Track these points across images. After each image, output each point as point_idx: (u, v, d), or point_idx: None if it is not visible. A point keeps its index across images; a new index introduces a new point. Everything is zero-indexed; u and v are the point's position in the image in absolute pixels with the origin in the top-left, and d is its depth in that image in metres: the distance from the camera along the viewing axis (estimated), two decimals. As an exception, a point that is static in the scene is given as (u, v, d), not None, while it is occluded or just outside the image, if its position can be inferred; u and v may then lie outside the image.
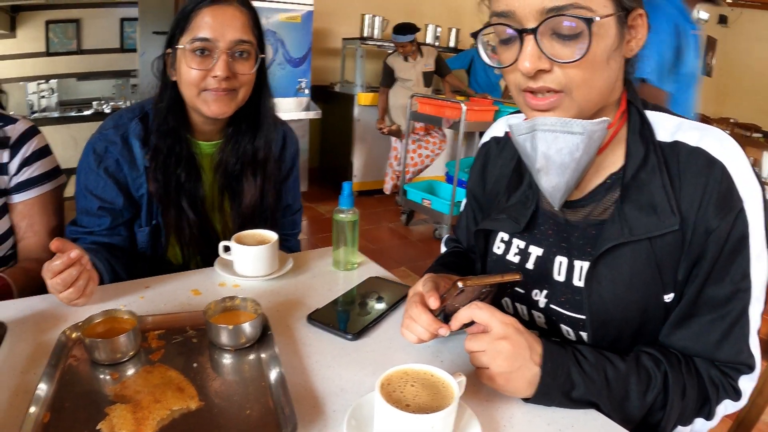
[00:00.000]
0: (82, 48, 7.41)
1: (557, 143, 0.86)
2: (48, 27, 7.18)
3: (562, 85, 0.82)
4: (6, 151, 1.40)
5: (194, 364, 0.92)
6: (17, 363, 0.92)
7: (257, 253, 1.28)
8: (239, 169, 1.45)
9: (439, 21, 6.63)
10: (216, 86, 1.29)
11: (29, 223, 1.44)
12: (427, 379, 0.78)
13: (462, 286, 0.86)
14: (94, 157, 1.35)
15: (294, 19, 5.12)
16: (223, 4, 1.29)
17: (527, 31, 0.80)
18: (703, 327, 0.88)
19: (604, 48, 0.81)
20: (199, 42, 1.27)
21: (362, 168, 6.02)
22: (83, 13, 7.26)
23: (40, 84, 7.18)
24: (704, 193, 0.85)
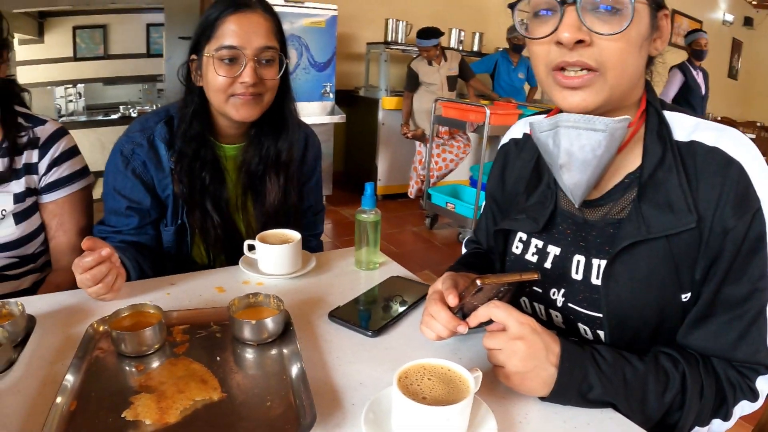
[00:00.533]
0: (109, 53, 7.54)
1: (580, 140, 0.87)
2: (75, 32, 7.31)
3: (598, 62, 0.83)
4: (35, 151, 1.44)
5: (218, 357, 0.94)
6: (46, 354, 0.96)
7: (281, 252, 1.30)
8: (262, 170, 1.48)
9: (462, 25, 6.63)
10: (243, 91, 1.32)
11: (59, 222, 1.48)
12: (444, 373, 0.79)
13: (480, 284, 0.87)
14: (121, 158, 1.38)
15: (318, 24, 5.17)
16: (247, 12, 1.32)
17: (569, 2, 0.82)
18: (721, 327, 0.88)
19: (638, 31, 0.83)
20: (226, 50, 1.30)
21: (387, 172, 6.04)
22: (110, 19, 7.39)
23: (67, 88, 7.31)
24: (721, 193, 0.85)
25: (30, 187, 1.44)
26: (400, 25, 6.10)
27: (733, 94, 11.79)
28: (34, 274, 1.51)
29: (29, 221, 1.45)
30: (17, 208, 1.42)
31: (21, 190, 1.42)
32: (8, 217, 1.41)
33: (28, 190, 1.43)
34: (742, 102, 11.96)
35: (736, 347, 0.88)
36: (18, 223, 1.42)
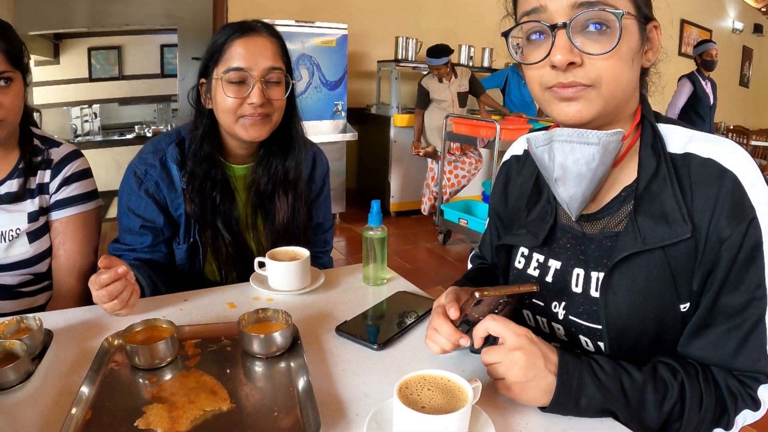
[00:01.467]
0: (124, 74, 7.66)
1: (574, 153, 0.90)
2: (90, 54, 7.44)
3: (592, 80, 0.85)
4: (48, 171, 1.50)
5: (227, 370, 0.98)
6: (62, 367, 1.00)
7: (290, 269, 1.34)
8: (271, 189, 1.52)
9: (472, 41, 6.68)
10: (252, 112, 1.36)
11: (62, 240, 1.53)
12: (443, 384, 0.81)
13: (479, 296, 0.89)
14: (135, 179, 1.43)
15: (329, 43, 5.24)
16: (253, 35, 1.37)
17: (559, 26, 0.85)
18: (720, 336, 0.89)
19: (629, 46, 0.86)
20: (234, 72, 1.34)
21: (399, 189, 6.07)
22: (124, 40, 7.52)
23: (83, 109, 7.43)
24: (716, 203, 0.86)
25: (42, 206, 1.49)
26: (410, 42, 6.16)
27: (745, 102, 11.75)
28: (48, 291, 1.56)
29: (42, 240, 1.50)
30: (31, 227, 1.47)
31: (34, 209, 1.48)
32: (22, 236, 1.46)
33: (40, 209, 1.49)
34: (754, 110, 11.90)
35: (736, 356, 0.88)
36: (31, 241, 1.47)
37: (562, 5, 0.85)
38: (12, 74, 1.36)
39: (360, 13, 6.22)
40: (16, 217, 1.45)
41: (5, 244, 1.44)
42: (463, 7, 6.81)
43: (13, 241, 1.45)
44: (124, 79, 7.68)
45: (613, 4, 0.84)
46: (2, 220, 1.44)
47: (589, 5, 0.83)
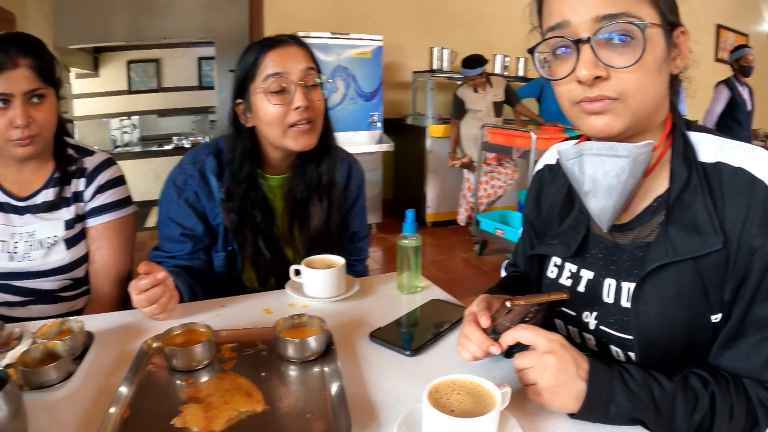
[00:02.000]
0: (162, 86, 7.85)
1: (604, 166, 0.90)
2: (129, 66, 7.64)
3: (618, 92, 0.86)
4: (82, 180, 1.57)
5: (263, 373, 1.01)
6: (102, 368, 1.04)
7: (325, 276, 1.36)
8: (306, 196, 1.54)
9: (507, 51, 6.67)
10: (299, 118, 1.39)
11: (97, 246, 1.59)
12: (473, 388, 0.83)
13: (510, 306, 0.90)
14: (174, 189, 1.48)
15: (365, 55, 5.30)
16: (283, 45, 1.41)
17: (583, 41, 0.85)
18: (751, 347, 0.88)
19: (654, 56, 0.86)
20: (273, 78, 1.38)
21: (436, 199, 6.07)
22: (162, 53, 7.70)
23: (122, 120, 7.63)
24: (747, 213, 0.86)
25: (78, 214, 1.56)
26: (444, 53, 6.19)
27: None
28: (86, 295, 1.62)
29: (78, 246, 1.56)
30: (68, 234, 1.53)
31: (71, 216, 1.55)
32: (60, 243, 1.52)
33: (76, 217, 1.55)
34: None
35: (766, 367, 0.87)
36: (69, 248, 1.54)
37: (584, 19, 0.85)
38: (44, 90, 1.42)
39: (395, 24, 6.27)
40: (54, 224, 1.52)
41: (44, 251, 1.51)
42: (497, 16, 6.81)
43: (51, 248, 1.51)
44: (162, 91, 7.87)
45: (637, 14, 0.84)
46: (40, 228, 1.51)
47: (611, 17, 0.84)
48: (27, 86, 1.38)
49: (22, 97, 1.38)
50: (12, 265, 1.49)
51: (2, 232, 1.50)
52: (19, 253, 1.49)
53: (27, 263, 1.50)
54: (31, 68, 1.38)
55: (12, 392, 0.78)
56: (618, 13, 0.83)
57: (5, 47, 1.36)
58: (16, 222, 1.51)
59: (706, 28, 8.96)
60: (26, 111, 1.38)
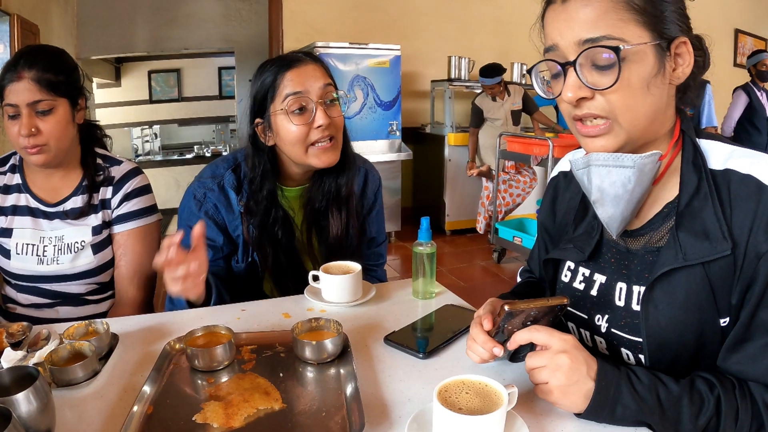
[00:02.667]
0: (183, 95, 7.97)
1: (610, 176, 0.93)
2: (150, 76, 7.77)
3: (606, 111, 0.89)
4: (110, 188, 1.63)
5: (281, 374, 1.05)
6: (127, 367, 1.09)
7: (342, 282, 1.40)
8: (324, 206, 1.58)
9: (525, 59, 6.68)
10: (320, 136, 1.42)
11: (123, 252, 1.64)
12: (481, 388, 0.85)
13: (508, 309, 0.93)
14: (194, 202, 1.52)
15: (383, 64, 5.35)
16: (300, 64, 1.44)
17: (568, 64, 0.89)
18: (757, 351, 0.89)
19: (640, 75, 0.88)
20: (293, 98, 1.41)
21: (455, 207, 6.10)
22: (183, 63, 7.83)
23: (143, 129, 7.75)
24: (755, 219, 0.87)
25: (105, 220, 1.62)
26: (462, 61, 6.22)
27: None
28: (111, 299, 1.68)
29: (104, 252, 1.62)
30: (95, 239, 1.60)
31: (98, 223, 1.61)
32: (87, 248, 1.59)
33: (103, 223, 1.62)
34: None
35: None
36: (95, 253, 1.60)
37: (569, 42, 0.89)
38: (51, 102, 1.46)
39: (413, 33, 6.32)
40: (81, 230, 1.59)
41: (71, 255, 1.57)
42: (515, 25, 6.83)
43: (78, 252, 1.58)
44: (183, 100, 7.99)
45: (619, 36, 0.86)
46: (68, 233, 1.58)
47: (592, 41, 0.87)
48: (30, 98, 1.43)
49: (27, 108, 1.43)
50: (41, 268, 1.56)
51: (32, 236, 1.56)
52: (48, 256, 1.56)
53: (55, 267, 1.56)
54: (34, 80, 1.43)
55: (41, 388, 0.83)
56: (598, 36, 0.86)
57: (15, 60, 1.44)
58: (46, 227, 1.57)
59: (724, 32, 8.88)
60: (31, 122, 1.44)
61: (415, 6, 6.42)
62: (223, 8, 7.03)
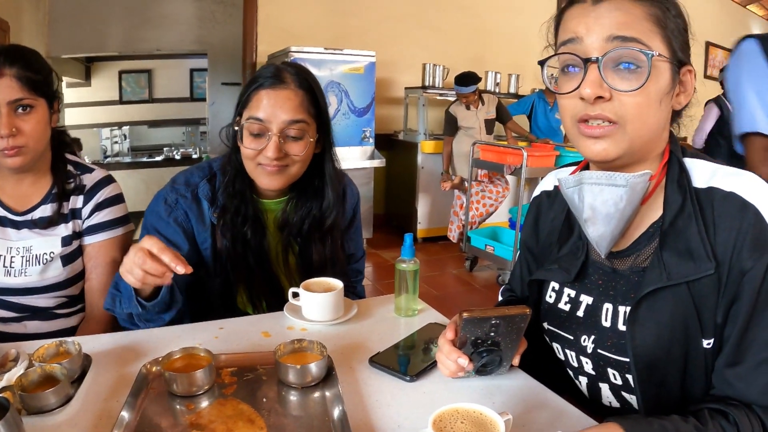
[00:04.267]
0: (154, 97, 7.84)
1: (602, 195, 0.93)
2: (121, 77, 7.64)
3: (618, 116, 0.89)
4: (81, 197, 1.57)
5: (264, 399, 1.00)
6: (101, 392, 1.03)
7: (324, 300, 1.36)
8: (306, 231, 1.53)
9: (499, 67, 6.72)
10: (268, 162, 1.39)
11: (94, 264, 1.58)
12: (476, 417, 0.83)
13: (466, 317, 0.93)
14: (164, 207, 1.46)
15: (357, 71, 5.33)
16: (280, 87, 1.39)
17: (591, 60, 0.88)
18: (751, 372, 0.88)
19: (658, 88, 0.88)
20: (254, 121, 1.38)
21: (427, 215, 6.10)
22: (155, 64, 7.70)
23: (113, 130, 7.61)
24: (738, 236, 0.87)
25: (75, 231, 1.56)
26: (437, 69, 6.22)
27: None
28: (81, 313, 1.62)
29: (75, 264, 1.56)
30: (64, 250, 1.53)
31: (68, 233, 1.54)
32: (56, 259, 1.52)
33: (74, 234, 1.55)
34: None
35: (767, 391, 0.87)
36: (65, 265, 1.54)
37: (597, 37, 0.88)
38: (32, 101, 1.41)
39: (388, 40, 6.31)
40: (51, 241, 1.52)
41: (40, 267, 1.50)
42: (490, 33, 6.87)
43: (47, 264, 1.51)
44: (153, 102, 7.86)
45: (648, 43, 0.87)
46: (37, 243, 1.51)
47: (623, 40, 0.86)
48: (11, 96, 1.37)
49: (7, 106, 1.37)
50: (8, 280, 1.49)
51: None
52: (16, 268, 1.49)
53: (23, 279, 1.50)
54: (16, 78, 1.37)
55: (13, 420, 0.78)
56: (631, 37, 0.86)
57: None
58: (13, 236, 1.50)
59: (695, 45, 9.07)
60: (11, 121, 1.37)
61: (391, 13, 6.41)
62: (197, 10, 6.94)
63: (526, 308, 0.95)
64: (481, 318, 0.94)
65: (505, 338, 1.00)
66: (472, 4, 6.92)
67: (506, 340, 1.01)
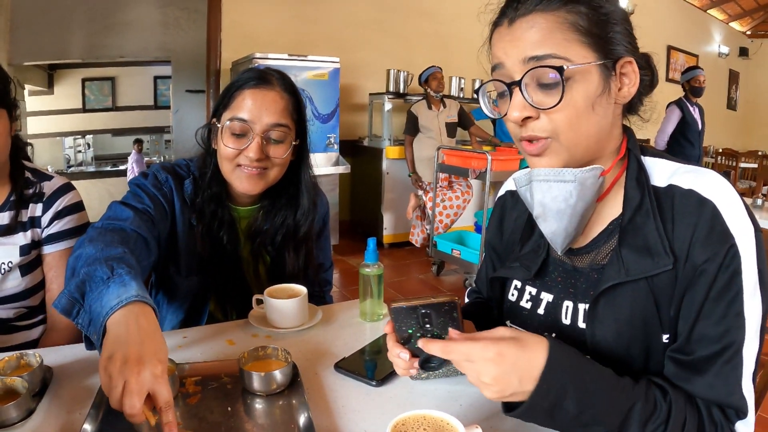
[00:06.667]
0: (117, 105, 7.70)
1: (551, 191, 0.93)
2: (84, 84, 7.48)
3: (548, 131, 0.90)
4: (39, 204, 1.52)
5: (228, 408, 0.99)
6: (64, 404, 1.01)
7: (288, 306, 1.35)
8: (280, 241, 1.53)
9: (463, 73, 6.76)
10: (248, 164, 1.38)
11: (55, 274, 1.54)
12: (442, 427, 0.82)
13: (392, 307, 0.92)
14: (154, 181, 1.42)
15: (322, 77, 5.32)
16: (265, 88, 1.39)
17: (514, 84, 0.90)
18: (696, 365, 0.89)
19: (585, 94, 0.89)
20: (237, 122, 1.36)
21: (392, 220, 6.10)
22: (118, 71, 7.56)
23: (76, 139, 7.44)
24: (694, 231, 0.88)
25: (34, 239, 1.51)
26: (401, 74, 6.26)
27: (734, 125, 11.94)
28: (42, 324, 1.57)
29: (34, 274, 1.52)
30: (23, 260, 1.49)
31: (26, 242, 1.50)
32: (14, 270, 1.48)
33: (32, 243, 1.51)
34: (743, 132, 12.07)
35: (711, 387, 0.88)
36: (24, 275, 1.49)
37: (515, 61, 0.90)
38: None
39: (352, 46, 6.31)
40: (8, 250, 1.47)
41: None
42: (453, 39, 6.92)
43: (6, 274, 1.47)
44: (117, 110, 7.72)
45: (565, 56, 0.87)
46: None
47: (537, 59, 0.88)
48: None
49: None
50: None
51: None
52: None
53: None
54: None
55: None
56: (543, 54, 0.87)
57: None
58: None
59: (657, 49, 9.26)
60: None
61: (355, 19, 6.43)
62: (161, 16, 6.83)
63: (454, 296, 0.93)
64: (408, 307, 0.92)
65: (442, 330, 0.98)
66: (434, 11, 6.98)
67: (445, 331, 0.99)
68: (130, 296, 0.96)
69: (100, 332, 0.93)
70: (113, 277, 1.00)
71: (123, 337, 0.89)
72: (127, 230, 1.26)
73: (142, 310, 0.95)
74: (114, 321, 0.92)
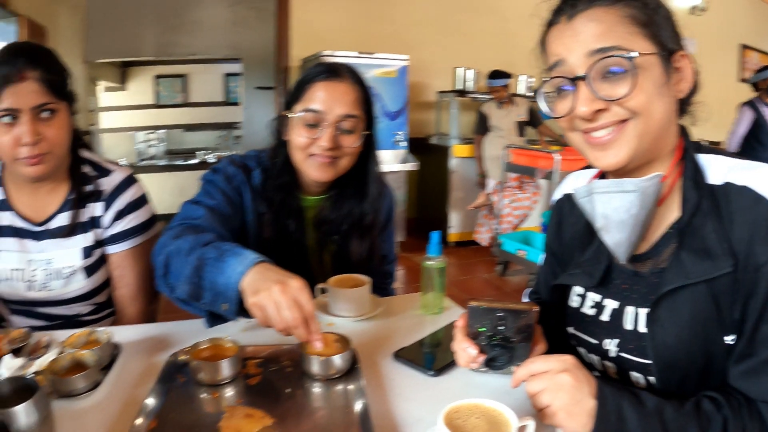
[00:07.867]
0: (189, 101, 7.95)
1: (613, 203, 0.92)
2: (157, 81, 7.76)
3: (625, 115, 0.89)
4: (99, 204, 1.48)
5: (287, 389, 1.02)
6: (129, 379, 1.06)
7: (351, 296, 1.37)
8: (346, 229, 1.55)
9: (531, 71, 6.63)
10: (320, 152, 1.40)
11: (121, 274, 1.53)
12: (493, 416, 0.82)
13: (471, 305, 0.94)
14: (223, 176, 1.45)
15: (390, 74, 5.34)
16: (335, 80, 1.42)
17: (579, 78, 0.88)
18: (760, 367, 0.86)
19: (651, 82, 0.88)
20: (310, 113, 1.39)
21: (459, 219, 6.06)
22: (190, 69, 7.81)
23: (148, 134, 7.73)
24: (753, 231, 0.86)
25: (97, 240, 1.49)
26: (469, 73, 6.21)
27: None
28: (111, 317, 1.59)
29: (98, 274, 1.51)
30: (86, 262, 1.48)
31: (88, 244, 1.48)
32: (78, 272, 1.47)
33: (95, 243, 1.49)
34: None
35: None
36: (89, 276, 1.49)
37: (578, 56, 0.89)
38: (55, 105, 1.32)
39: (420, 44, 6.30)
40: (71, 253, 1.46)
41: (62, 281, 1.46)
42: (521, 38, 6.74)
43: (69, 277, 1.46)
44: (188, 106, 7.97)
45: (628, 47, 0.86)
46: (58, 256, 1.45)
47: (602, 51, 0.87)
48: (35, 101, 1.28)
49: (30, 112, 1.28)
50: (31, 294, 1.45)
51: (19, 259, 1.44)
52: (38, 282, 1.45)
53: (46, 293, 1.46)
54: (39, 81, 1.28)
55: (41, 400, 0.81)
56: (609, 46, 0.87)
57: (12, 58, 1.27)
58: (33, 248, 1.44)
59: (729, 47, 8.86)
60: (35, 127, 1.28)
61: (421, 17, 6.41)
62: (231, 15, 7.02)
63: (534, 305, 0.94)
64: (487, 308, 0.95)
65: (514, 335, 1.00)
66: (500, 9, 6.89)
67: (516, 337, 1.00)
68: (252, 260, 1.07)
69: (234, 298, 1.03)
70: (224, 253, 1.09)
71: (262, 280, 1.02)
72: (204, 227, 1.31)
73: (267, 266, 1.07)
74: (248, 281, 1.03)
